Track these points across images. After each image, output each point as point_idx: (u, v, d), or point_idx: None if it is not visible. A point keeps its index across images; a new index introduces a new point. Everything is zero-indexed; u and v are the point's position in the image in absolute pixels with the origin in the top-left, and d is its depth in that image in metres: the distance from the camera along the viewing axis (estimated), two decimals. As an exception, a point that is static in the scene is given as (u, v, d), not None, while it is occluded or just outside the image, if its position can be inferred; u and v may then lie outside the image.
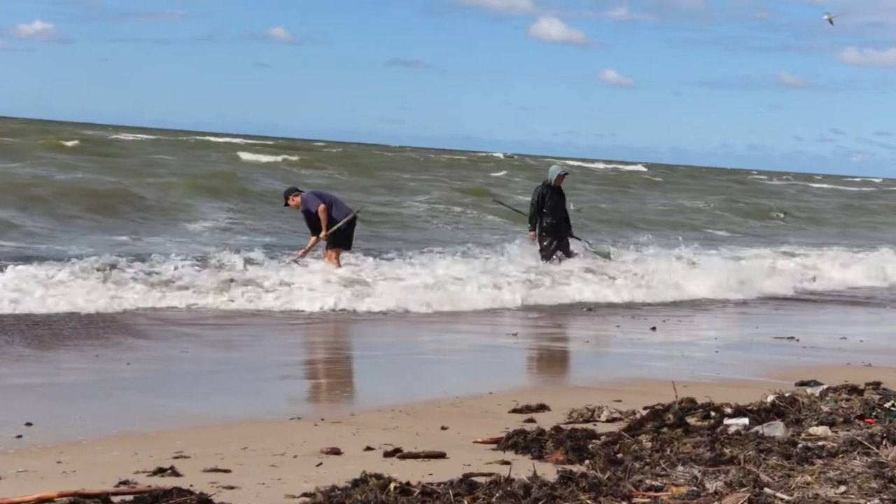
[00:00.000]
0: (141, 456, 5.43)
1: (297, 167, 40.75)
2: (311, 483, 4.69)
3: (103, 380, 8.03)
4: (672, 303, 14.88)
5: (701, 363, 9.44)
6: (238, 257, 14.25)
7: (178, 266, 13.36)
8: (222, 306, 12.11)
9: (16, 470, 5.10)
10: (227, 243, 16.87)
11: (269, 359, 9.22)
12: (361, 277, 13.84)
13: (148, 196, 23.81)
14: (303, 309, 12.22)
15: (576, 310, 13.61)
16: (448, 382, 8.25)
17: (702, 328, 12.69)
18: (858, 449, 5.09)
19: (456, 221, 25.95)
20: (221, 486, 4.80)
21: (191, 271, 13.13)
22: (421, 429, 6.32)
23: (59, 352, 9.04)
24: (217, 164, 36.84)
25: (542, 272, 15.46)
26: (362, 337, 11.41)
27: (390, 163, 51.26)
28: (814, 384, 7.59)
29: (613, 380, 8.50)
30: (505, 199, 25.15)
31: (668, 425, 5.92)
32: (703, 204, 38.31)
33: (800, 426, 5.83)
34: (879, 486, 4.38)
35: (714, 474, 4.60)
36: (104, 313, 11.10)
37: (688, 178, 65.29)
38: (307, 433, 6.14)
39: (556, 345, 11.38)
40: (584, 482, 4.42)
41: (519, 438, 5.73)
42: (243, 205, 24.79)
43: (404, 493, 4.36)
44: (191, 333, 10.39)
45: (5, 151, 34.75)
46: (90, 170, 29.58)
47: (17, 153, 34.37)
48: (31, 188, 22.82)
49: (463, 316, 12.65)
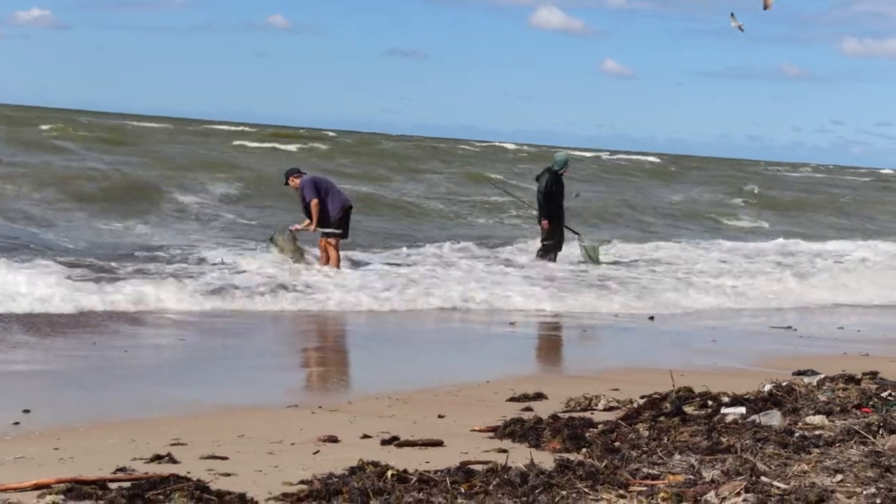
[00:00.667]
0: (138, 443, 5.43)
1: (323, 158, 39.99)
2: (309, 471, 4.69)
3: (100, 367, 8.03)
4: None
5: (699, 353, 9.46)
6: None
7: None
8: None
9: (13, 456, 5.10)
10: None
11: (266, 347, 9.23)
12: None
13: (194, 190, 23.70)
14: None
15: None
16: (445, 371, 8.25)
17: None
18: (855, 438, 5.10)
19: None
20: (218, 473, 4.80)
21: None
22: (418, 417, 6.32)
23: (56, 339, 9.04)
24: (256, 157, 36.51)
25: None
26: (360, 326, 11.41)
27: (412, 153, 50.08)
28: (811, 373, 7.60)
29: (611, 369, 8.51)
30: (504, 185, 25.06)
31: (666, 414, 5.93)
32: (741, 200, 36.92)
33: (797, 415, 5.84)
34: (876, 475, 4.38)
35: (711, 463, 4.61)
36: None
37: (696, 168, 64.81)
38: (304, 421, 6.15)
39: (553, 333, 11.39)
40: (582, 470, 4.42)
41: (516, 427, 5.74)
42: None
43: (401, 480, 4.37)
44: (188, 321, 10.39)
45: (22, 141, 34.64)
46: (133, 163, 29.27)
47: (34, 143, 34.20)
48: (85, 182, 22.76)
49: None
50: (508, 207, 24.42)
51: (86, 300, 10.71)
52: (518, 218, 23.46)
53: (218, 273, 13.02)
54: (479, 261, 16.18)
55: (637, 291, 13.87)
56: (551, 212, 16.19)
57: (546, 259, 16.10)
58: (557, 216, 16.31)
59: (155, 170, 27.43)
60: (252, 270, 13.32)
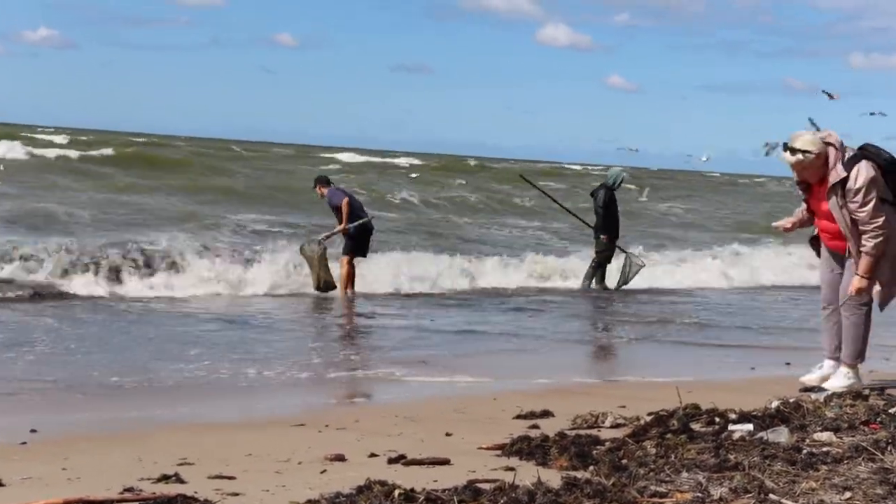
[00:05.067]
0: (145, 462, 5.44)
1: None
2: (316, 490, 4.69)
3: (108, 384, 8.05)
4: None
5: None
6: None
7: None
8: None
9: (20, 477, 5.10)
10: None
11: (273, 364, 9.21)
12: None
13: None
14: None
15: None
16: (453, 387, 8.25)
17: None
18: (863, 455, 5.08)
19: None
20: (226, 492, 4.80)
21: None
22: (425, 435, 6.31)
23: (64, 355, 9.05)
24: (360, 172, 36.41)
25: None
26: (368, 339, 11.41)
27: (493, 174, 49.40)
28: (818, 390, 7.58)
29: (618, 385, 8.50)
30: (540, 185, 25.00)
31: (673, 431, 5.92)
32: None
33: (804, 432, 5.82)
34: (885, 493, 4.37)
35: (719, 480, 4.60)
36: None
37: (726, 184, 64.38)
38: (312, 439, 6.14)
39: (559, 346, 11.38)
40: (589, 488, 4.42)
41: (523, 444, 5.73)
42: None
43: (409, 499, 4.36)
44: (197, 335, 10.41)
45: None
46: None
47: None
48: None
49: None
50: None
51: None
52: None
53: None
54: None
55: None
56: (609, 226, 16.46)
57: (591, 281, 16.38)
58: (615, 231, 16.59)
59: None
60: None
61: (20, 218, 20.52)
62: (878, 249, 7.45)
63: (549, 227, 27.28)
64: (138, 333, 10.84)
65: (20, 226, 19.36)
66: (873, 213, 7.39)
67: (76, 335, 10.45)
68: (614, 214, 16.57)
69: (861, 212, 7.40)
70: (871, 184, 7.37)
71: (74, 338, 10.24)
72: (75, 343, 9.91)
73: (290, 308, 13.78)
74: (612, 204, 16.52)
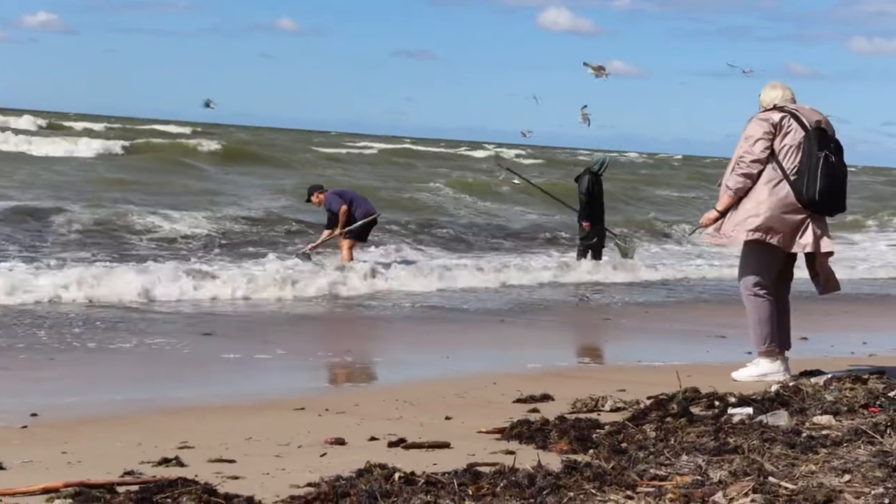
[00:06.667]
0: (146, 446, 5.44)
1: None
2: (316, 473, 4.70)
3: (108, 369, 8.05)
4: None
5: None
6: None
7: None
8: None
9: (21, 460, 5.11)
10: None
11: (274, 349, 9.22)
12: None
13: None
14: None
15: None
16: (452, 372, 8.25)
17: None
18: (863, 438, 5.09)
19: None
20: (226, 476, 4.81)
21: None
22: (425, 419, 6.32)
23: (64, 341, 9.05)
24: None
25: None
26: (368, 327, 11.41)
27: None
28: (818, 374, 7.59)
29: (618, 369, 8.51)
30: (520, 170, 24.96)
31: (672, 415, 5.93)
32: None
33: (804, 415, 5.83)
34: (884, 475, 4.38)
35: (718, 463, 4.61)
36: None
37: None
38: (312, 423, 6.15)
39: (555, 332, 11.39)
40: (589, 471, 4.42)
41: (523, 428, 5.74)
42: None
43: (409, 482, 4.37)
44: (195, 323, 10.41)
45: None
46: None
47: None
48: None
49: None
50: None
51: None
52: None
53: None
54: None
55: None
56: (592, 213, 16.45)
57: (584, 258, 16.44)
58: (599, 217, 16.59)
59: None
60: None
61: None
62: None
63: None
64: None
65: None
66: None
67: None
68: (598, 200, 16.53)
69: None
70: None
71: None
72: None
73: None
74: (595, 189, 16.53)
